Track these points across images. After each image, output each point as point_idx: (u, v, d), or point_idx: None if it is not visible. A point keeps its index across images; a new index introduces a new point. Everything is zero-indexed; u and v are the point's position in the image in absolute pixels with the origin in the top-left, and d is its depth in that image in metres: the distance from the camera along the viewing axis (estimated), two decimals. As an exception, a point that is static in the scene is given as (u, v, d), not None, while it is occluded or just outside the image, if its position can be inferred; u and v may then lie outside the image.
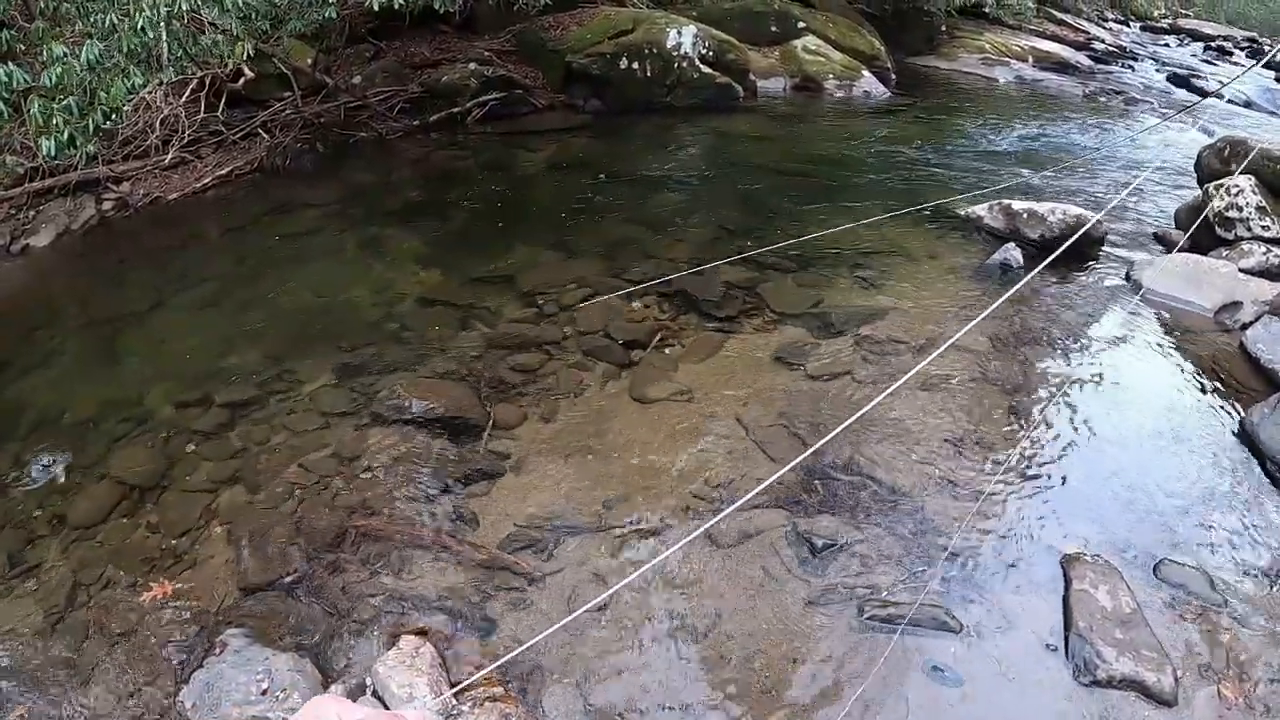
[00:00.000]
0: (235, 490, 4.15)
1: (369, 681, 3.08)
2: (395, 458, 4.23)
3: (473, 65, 10.08)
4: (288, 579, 3.60)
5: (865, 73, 12.16)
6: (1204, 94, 14.28)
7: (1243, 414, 4.81)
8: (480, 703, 3.00)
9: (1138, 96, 14.27)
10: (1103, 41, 20.74)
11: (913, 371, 3.79)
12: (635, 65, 10.22)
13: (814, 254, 6.23)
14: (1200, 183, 7.30)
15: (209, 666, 3.20)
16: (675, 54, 10.36)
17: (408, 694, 2.97)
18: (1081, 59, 17.47)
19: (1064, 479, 4.19)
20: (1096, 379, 5.09)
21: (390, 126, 9.45)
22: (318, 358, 5.10)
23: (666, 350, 5.02)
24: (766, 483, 3.18)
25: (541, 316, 5.37)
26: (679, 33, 10.42)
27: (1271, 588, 3.79)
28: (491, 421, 4.44)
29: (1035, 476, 4.17)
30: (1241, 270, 6.20)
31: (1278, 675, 3.41)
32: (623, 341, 5.06)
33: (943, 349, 3.82)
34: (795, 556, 3.52)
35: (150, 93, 8.03)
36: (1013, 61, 15.50)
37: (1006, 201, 6.93)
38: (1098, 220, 6.61)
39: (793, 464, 3.46)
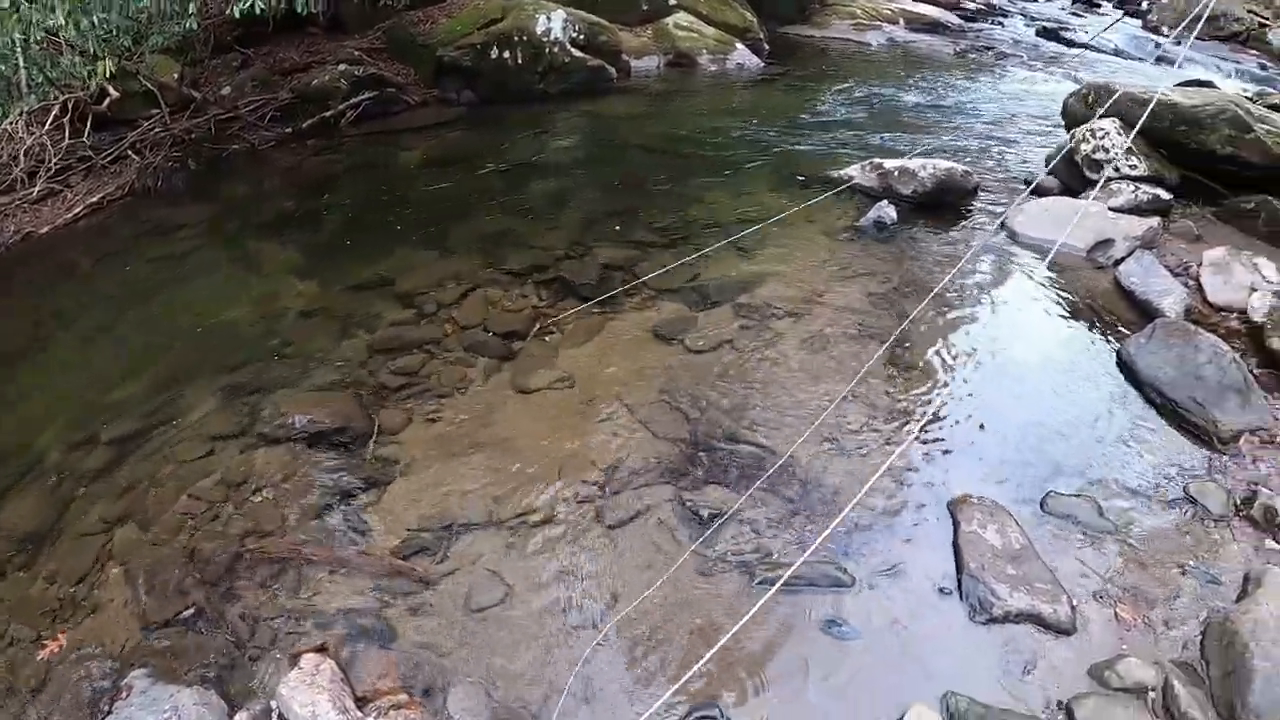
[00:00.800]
0: (128, 529, 4.00)
1: (274, 705, 3.01)
2: (284, 476, 4.13)
3: (343, 66, 9.84)
4: (187, 612, 3.50)
5: (738, 45, 12.20)
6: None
7: (1120, 345, 4.99)
8: (384, 712, 2.96)
9: (1007, 51, 14.61)
10: (973, 0, 21.19)
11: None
12: (506, 54, 10.08)
13: (689, 228, 6.26)
14: (1068, 128, 7.53)
15: (118, 711, 3.12)
16: (546, 40, 10.24)
17: (310, 713, 2.91)
18: (952, 18, 17.81)
19: (947, 425, 4.29)
20: (974, 325, 5.22)
21: (263, 136, 9.17)
22: (201, 382, 4.95)
23: (546, 338, 4.96)
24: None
25: (421, 316, 5.28)
26: (548, 18, 10.32)
27: (1157, 509, 3.93)
28: (377, 428, 4.36)
29: (918, 425, 4.24)
30: (1111, 209, 6.40)
31: (1173, 593, 3.54)
32: (502, 333, 5.01)
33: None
34: (685, 530, 3.52)
35: (11, 123, 7.72)
36: (884, 25, 15.71)
37: (878, 160, 7.04)
38: (967, 172, 6.80)
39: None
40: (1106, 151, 6.84)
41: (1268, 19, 21.26)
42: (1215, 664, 3.26)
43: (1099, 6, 23.94)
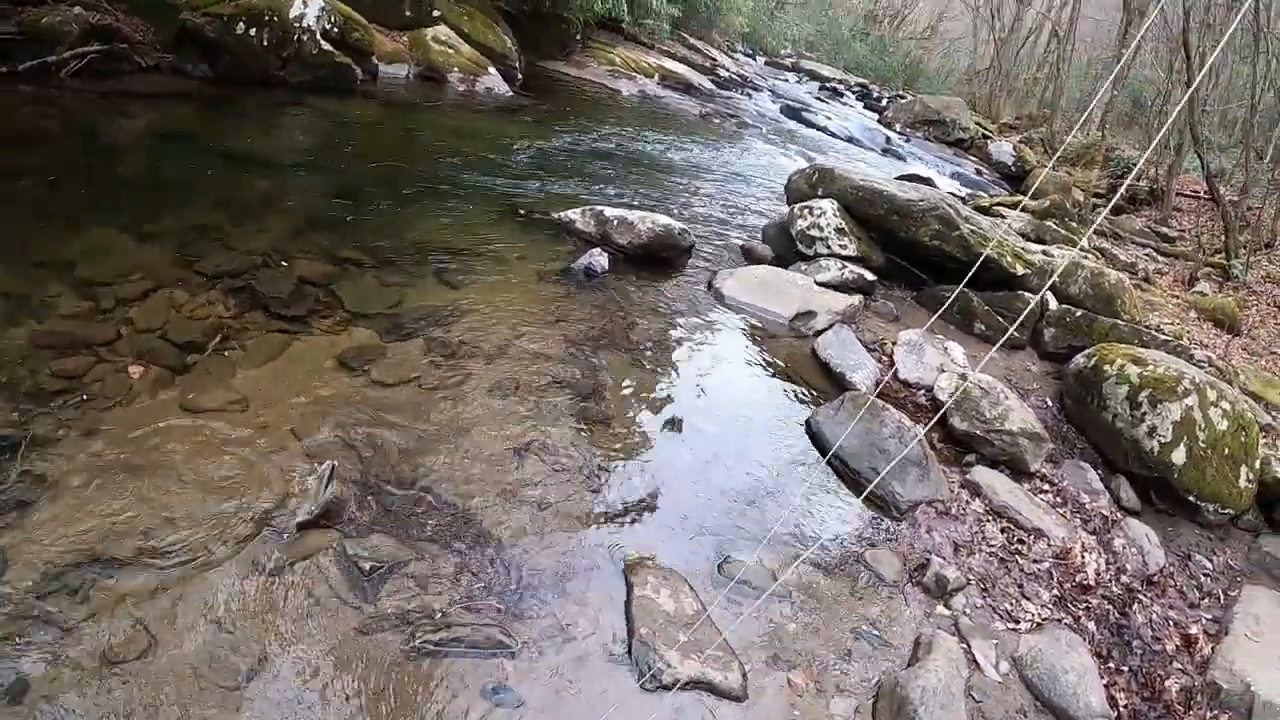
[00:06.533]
0: None
1: None
2: None
3: (77, 9, 8.56)
4: None
5: (491, 70, 12.11)
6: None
7: (810, 414, 5.20)
8: None
9: (750, 122, 15.32)
10: (727, 69, 22.30)
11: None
12: (253, 33, 9.29)
13: (400, 251, 6.00)
14: (790, 202, 7.92)
15: None
16: (297, 26, 9.59)
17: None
18: (705, 82, 18.62)
19: (632, 484, 4.27)
20: (669, 384, 5.28)
21: None
22: None
23: (226, 353, 4.48)
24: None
25: (97, 311, 4.60)
26: (304, 3, 9.69)
27: (834, 575, 4.07)
28: (29, 438, 3.76)
29: (603, 483, 4.22)
30: (818, 283, 6.77)
31: (843, 657, 3.65)
32: (180, 343, 4.46)
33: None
34: (344, 580, 3.25)
35: None
36: (639, 77, 16.15)
37: (600, 207, 7.09)
38: (685, 230, 6.97)
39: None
40: (820, 229, 7.24)
41: (991, 133, 23.86)
42: (887, 728, 3.37)
43: (843, 96, 26.00)
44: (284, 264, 5.38)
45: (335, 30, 10.15)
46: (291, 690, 2.88)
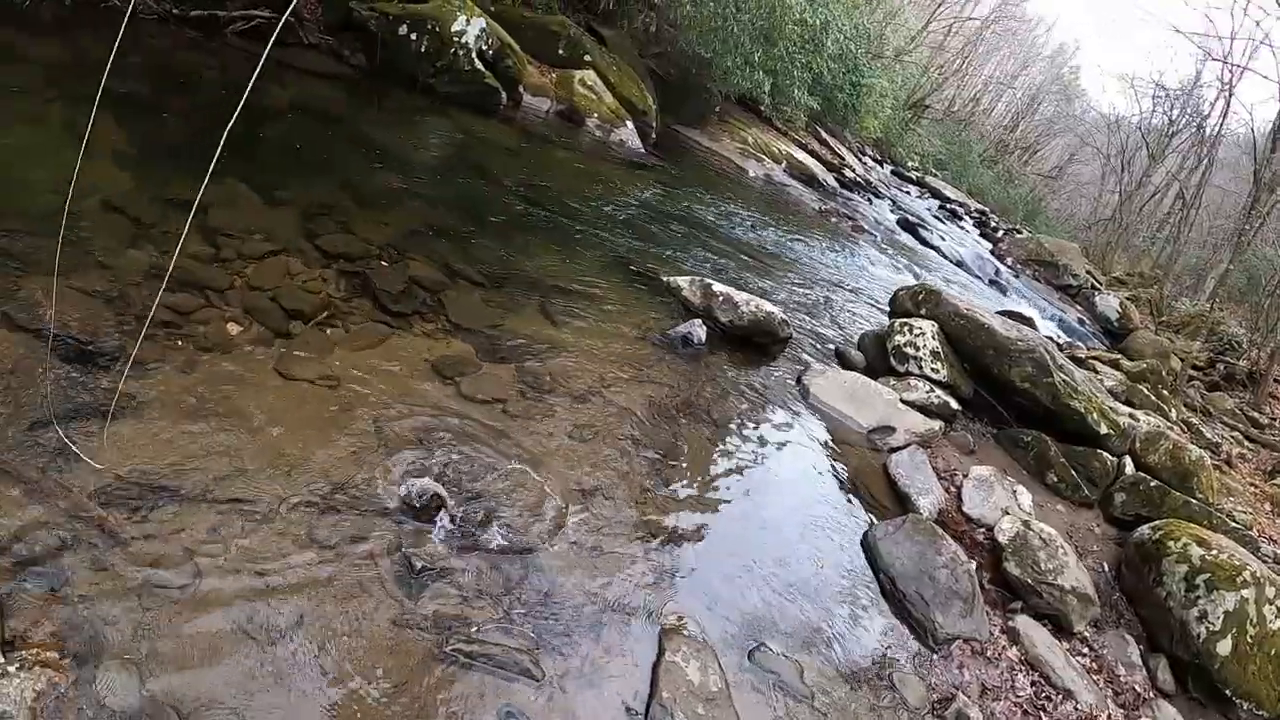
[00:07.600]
0: None
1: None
2: (9, 370, 3.62)
3: None
4: None
5: (629, 123, 12.37)
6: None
7: (869, 527, 5.16)
8: (29, 665, 2.56)
9: (866, 227, 15.34)
10: (853, 170, 22.42)
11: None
12: (414, 36, 9.74)
13: (509, 276, 6.15)
14: (891, 315, 7.94)
15: None
16: (456, 41, 9.99)
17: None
18: (829, 179, 18.74)
19: (687, 552, 4.29)
20: (742, 465, 5.29)
21: (148, 4, 8.26)
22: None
23: (328, 331, 4.63)
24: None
25: (217, 258, 4.82)
26: (467, 21, 10.10)
27: (858, 689, 4.01)
28: (129, 357, 3.90)
29: (658, 543, 4.23)
30: (903, 401, 6.74)
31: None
32: (287, 309, 4.63)
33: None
34: (393, 573, 3.32)
35: None
36: (767, 160, 16.29)
37: (709, 281, 7.18)
38: (785, 321, 7.02)
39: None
40: (916, 349, 7.23)
41: (1100, 284, 23.52)
42: None
43: (961, 219, 26.00)
44: (385, 264, 5.53)
45: (490, 53, 10.52)
46: (319, 658, 2.94)
